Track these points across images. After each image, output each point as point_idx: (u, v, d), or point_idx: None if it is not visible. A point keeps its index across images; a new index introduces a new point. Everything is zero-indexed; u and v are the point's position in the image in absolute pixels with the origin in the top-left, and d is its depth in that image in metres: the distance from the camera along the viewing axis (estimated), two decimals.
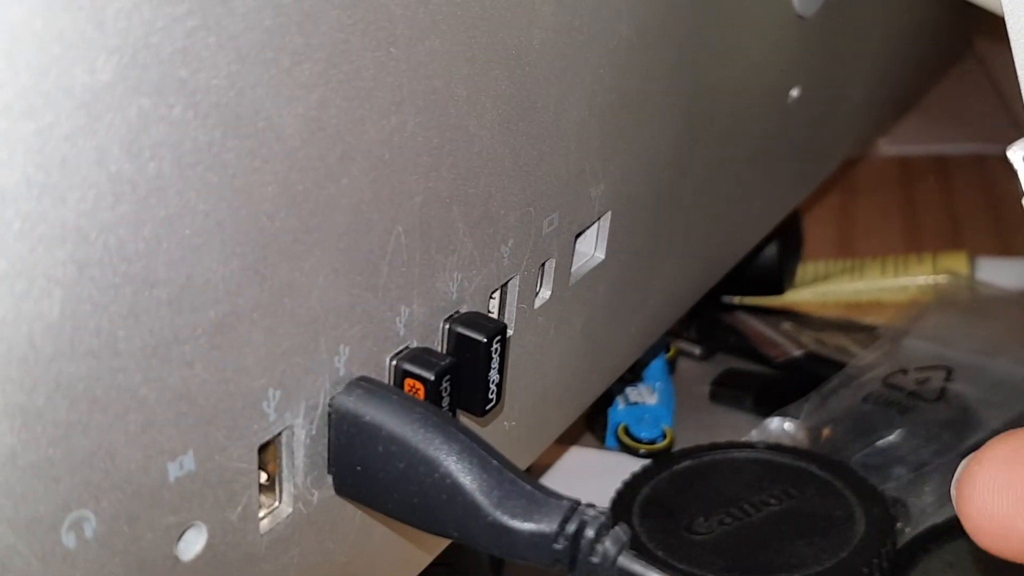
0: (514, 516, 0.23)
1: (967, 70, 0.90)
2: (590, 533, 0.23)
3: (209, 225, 0.19)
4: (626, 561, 0.23)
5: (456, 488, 0.23)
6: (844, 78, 0.54)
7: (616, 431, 0.51)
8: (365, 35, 0.22)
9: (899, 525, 0.45)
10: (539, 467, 0.49)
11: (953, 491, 0.25)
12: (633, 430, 0.51)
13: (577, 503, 0.24)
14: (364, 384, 0.24)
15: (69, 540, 0.19)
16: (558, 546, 0.23)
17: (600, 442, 0.52)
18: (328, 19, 0.21)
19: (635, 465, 0.48)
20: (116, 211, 0.18)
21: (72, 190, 0.17)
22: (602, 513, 0.23)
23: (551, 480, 0.49)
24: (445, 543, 0.31)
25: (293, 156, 0.21)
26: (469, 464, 0.23)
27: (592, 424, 0.53)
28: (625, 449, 0.50)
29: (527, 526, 0.23)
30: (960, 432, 0.49)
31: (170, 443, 0.20)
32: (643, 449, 0.50)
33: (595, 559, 0.23)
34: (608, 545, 0.23)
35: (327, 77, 0.21)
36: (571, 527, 0.23)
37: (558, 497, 0.23)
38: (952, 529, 0.45)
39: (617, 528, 0.23)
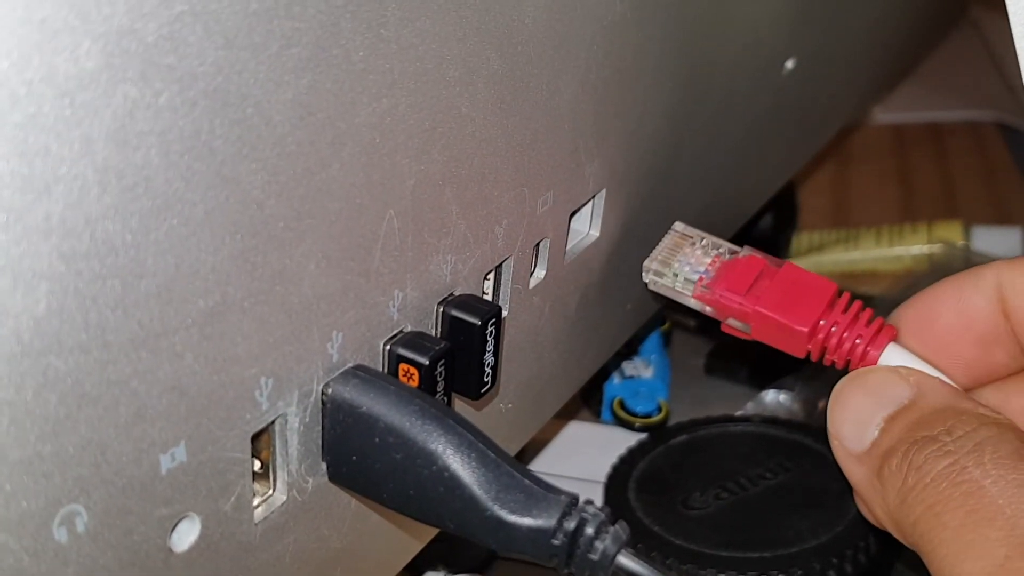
0: (512, 511, 0.23)
1: (962, 37, 0.89)
2: (589, 530, 0.23)
3: (197, 214, 0.19)
4: (625, 559, 0.23)
5: (454, 481, 0.23)
6: (839, 48, 0.53)
7: (612, 405, 0.51)
8: (355, 17, 0.21)
9: None
10: (535, 442, 0.49)
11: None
12: (629, 404, 0.51)
13: (575, 498, 0.23)
14: (360, 373, 0.24)
15: (61, 535, 0.19)
16: (556, 542, 0.23)
17: (596, 416, 0.52)
18: (316, 2, 0.20)
19: (631, 439, 0.48)
20: (102, 202, 0.17)
21: (57, 181, 0.17)
22: (601, 510, 0.23)
23: (547, 455, 0.49)
24: (438, 530, 0.31)
25: (282, 142, 0.21)
26: (467, 457, 0.23)
27: (587, 398, 0.52)
28: (621, 423, 0.50)
29: (525, 521, 0.23)
30: None
31: (161, 435, 0.20)
32: (639, 423, 0.50)
33: (593, 556, 0.23)
34: (608, 543, 0.23)
35: (316, 61, 0.21)
36: (570, 523, 0.23)
37: (556, 492, 0.23)
38: None
39: (617, 526, 0.23)
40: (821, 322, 0.32)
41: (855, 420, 0.29)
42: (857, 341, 0.31)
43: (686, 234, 0.35)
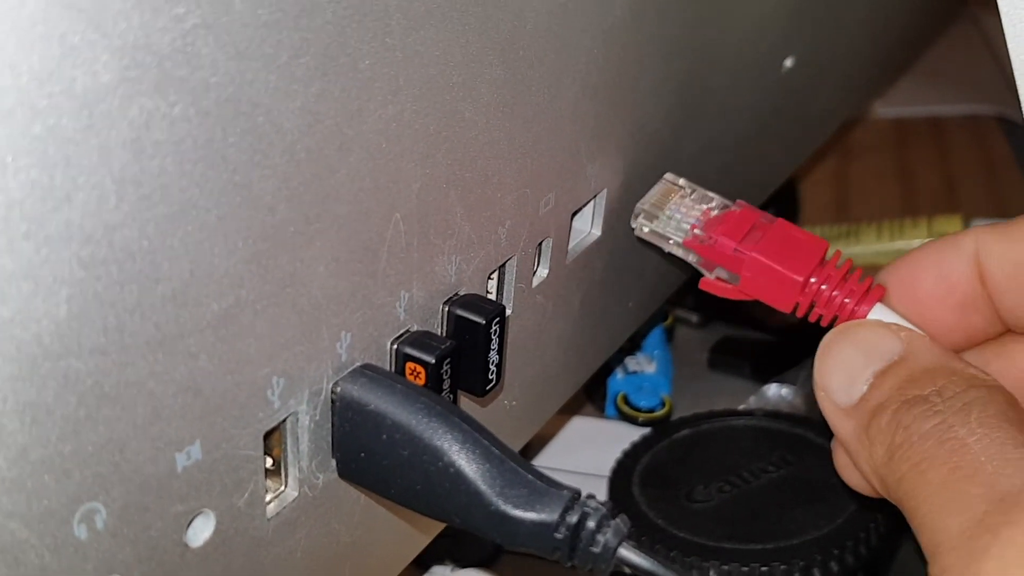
0: (516, 505, 0.23)
1: (961, 31, 0.89)
2: (591, 524, 0.23)
3: (211, 220, 0.20)
4: (626, 552, 0.23)
5: (459, 477, 0.23)
6: (837, 45, 0.53)
7: (615, 400, 0.51)
8: (361, 27, 0.22)
9: None
10: (539, 437, 0.49)
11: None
12: (632, 399, 0.51)
13: (578, 493, 0.24)
14: (368, 372, 0.24)
15: (80, 532, 0.19)
16: (559, 535, 0.23)
17: (599, 411, 0.52)
18: (324, 13, 0.21)
19: (634, 434, 0.48)
20: (120, 210, 0.18)
21: (76, 191, 0.17)
22: (603, 504, 0.24)
23: (551, 450, 0.50)
24: (444, 525, 0.32)
25: (292, 149, 0.21)
26: (472, 453, 0.23)
27: (591, 394, 0.53)
28: (624, 418, 0.51)
29: (529, 515, 0.23)
30: None
31: (177, 434, 0.21)
32: (642, 418, 0.50)
33: (595, 549, 0.23)
34: (609, 536, 0.23)
35: (324, 70, 0.21)
36: (572, 517, 0.23)
37: (559, 487, 0.24)
38: None
39: (618, 520, 0.24)
40: (812, 278, 0.32)
41: (844, 373, 0.29)
42: (847, 299, 0.31)
43: (677, 184, 0.35)
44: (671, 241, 0.34)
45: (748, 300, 0.33)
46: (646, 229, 0.34)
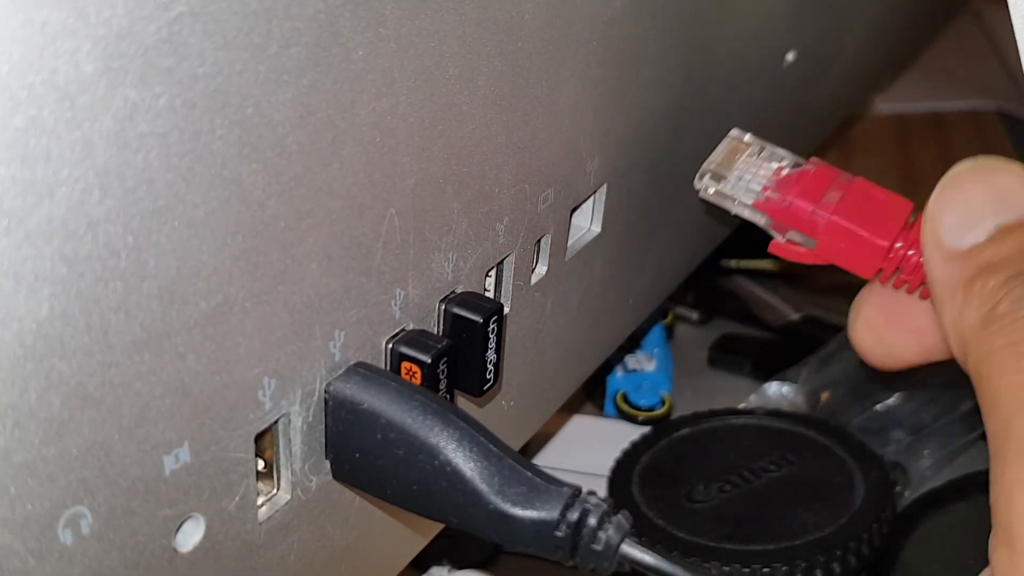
0: (515, 504, 0.23)
1: (963, 26, 0.89)
2: (592, 521, 0.23)
3: (198, 216, 0.19)
4: (629, 548, 0.23)
5: (456, 475, 0.23)
6: (839, 39, 0.53)
7: (615, 399, 0.51)
8: (354, 16, 0.21)
9: (898, 489, 0.45)
10: (538, 436, 0.49)
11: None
12: (632, 397, 0.51)
13: (578, 490, 0.23)
14: (362, 370, 0.24)
15: (66, 537, 0.19)
16: (560, 533, 0.23)
17: (599, 410, 0.52)
18: (315, 1, 0.20)
19: (634, 432, 0.48)
20: (104, 205, 0.17)
21: (58, 185, 0.17)
22: (604, 501, 0.23)
23: (550, 449, 0.49)
24: (442, 525, 0.31)
25: (283, 142, 0.21)
26: (469, 451, 0.23)
27: (591, 392, 0.53)
28: (624, 416, 0.50)
29: (528, 514, 0.23)
30: (959, 394, 0.49)
31: (165, 436, 0.20)
32: (642, 416, 0.50)
33: (597, 547, 0.23)
34: (611, 533, 0.23)
35: (316, 61, 0.21)
36: (573, 515, 0.23)
37: (559, 484, 0.23)
38: (951, 492, 0.45)
39: (620, 516, 0.23)
40: (898, 243, 0.29)
41: (964, 212, 0.26)
42: None
43: (743, 141, 0.33)
44: (738, 202, 0.32)
45: (824, 264, 0.31)
46: (711, 191, 0.32)
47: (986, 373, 0.23)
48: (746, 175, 0.32)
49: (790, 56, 0.46)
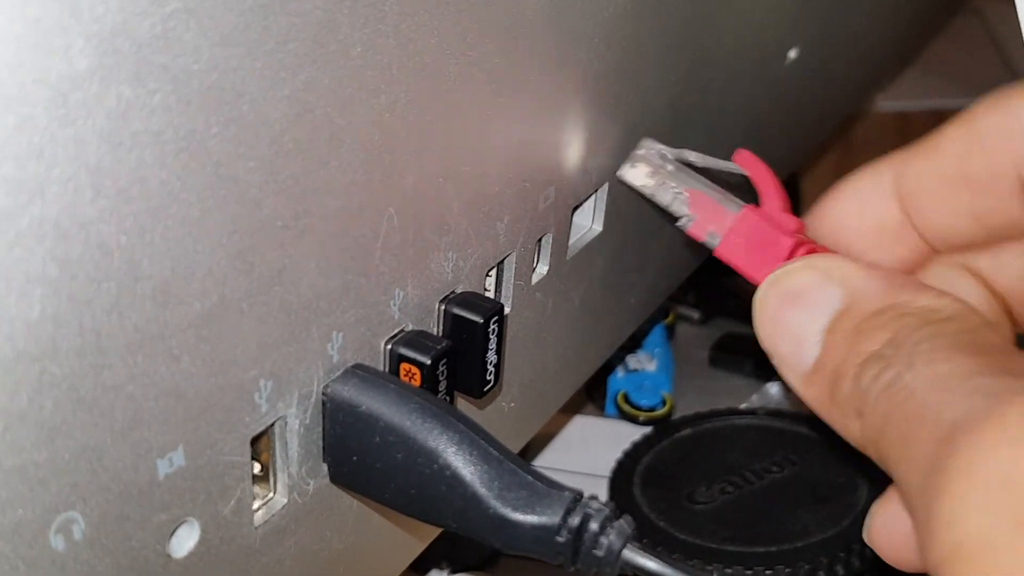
0: (516, 508, 0.23)
1: (965, 23, 0.89)
2: (594, 526, 0.23)
3: (193, 215, 0.19)
4: (631, 554, 0.23)
5: (456, 479, 0.23)
6: (841, 37, 0.53)
7: (616, 399, 0.51)
8: (352, 12, 0.21)
9: None
10: (538, 436, 0.49)
11: None
12: (633, 398, 0.51)
13: (580, 494, 0.23)
14: (360, 372, 0.24)
15: (57, 543, 0.19)
16: (561, 539, 0.23)
17: (600, 410, 0.52)
18: None
19: (635, 433, 0.48)
20: (96, 204, 0.17)
21: (50, 184, 0.16)
22: (606, 505, 0.23)
23: (551, 450, 0.49)
24: (440, 529, 0.31)
25: (280, 140, 0.20)
26: (469, 455, 0.23)
27: (592, 392, 0.52)
28: (625, 417, 0.50)
29: (529, 519, 0.23)
30: None
31: (159, 440, 0.20)
32: (643, 416, 0.50)
33: (599, 552, 0.23)
34: (612, 538, 0.23)
35: (313, 57, 0.20)
36: (574, 520, 0.23)
37: (560, 488, 0.23)
38: None
39: (622, 521, 0.23)
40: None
41: (792, 337, 0.26)
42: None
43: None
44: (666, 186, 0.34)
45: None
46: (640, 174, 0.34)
47: (886, 466, 0.23)
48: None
49: (792, 54, 0.46)
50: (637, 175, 0.34)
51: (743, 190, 0.34)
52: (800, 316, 0.26)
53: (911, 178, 0.30)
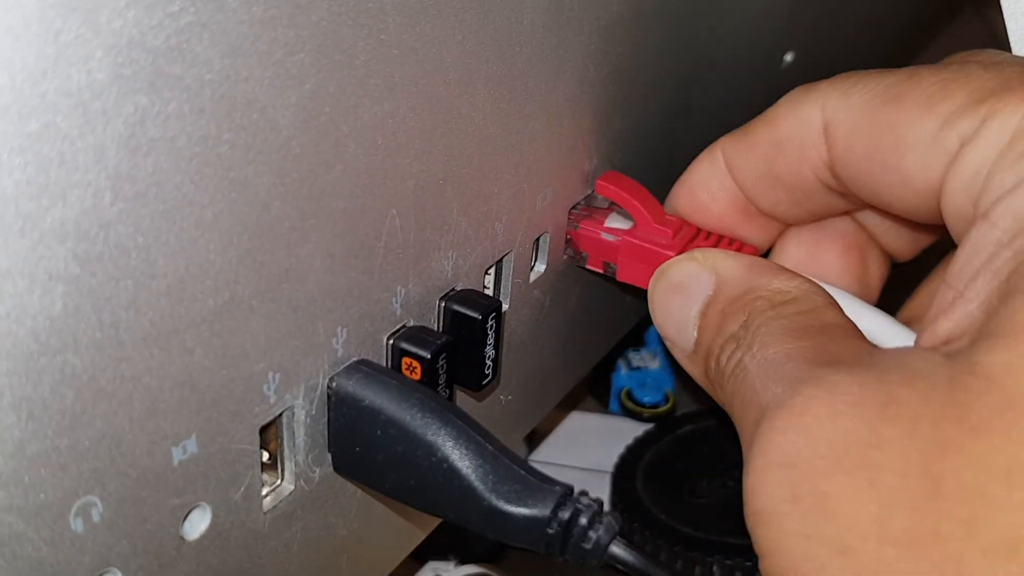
0: (508, 501, 0.24)
1: (964, 25, 0.89)
2: (583, 521, 0.24)
3: (206, 217, 0.20)
4: (617, 549, 0.23)
5: (453, 472, 0.24)
6: (838, 40, 0.53)
7: (619, 396, 0.51)
8: (356, 23, 0.22)
9: None
10: (542, 433, 0.50)
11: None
12: (636, 395, 0.51)
13: (570, 489, 0.24)
14: (364, 368, 0.25)
15: (77, 525, 0.19)
16: (550, 531, 0.24)
17: (603, 407, 0.52)
18: (319, 9, 0.21)
19: (638, 429, 0.48)
20: (115, 207, 0.18)
21: (71, 188, 0.17)
22: (595, 501, 0.24)
23: (555, 445, 0.50)
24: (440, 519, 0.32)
25: (288, 146, 0.21)
26: (466, 449, 0.24)
27: (595, 389, 0.53)
28: (628, 414, 0.51)
29: (521, 511, 0.24)
30: None
31: (173, 428, 0.21)
32: (646, 413, 0.50)
33: (586, 545, 0.24)
34: (601, 533, 0.24)
35: (319, 67, 0.21)
36: (564, 513, 0.24)
37: (552, 483, 0.24)
38: None
39: (609, 517, 0.24)
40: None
41: (675, 322, 0.29)
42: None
43: None
44: None
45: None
46: None
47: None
48: None
49: (789, 57, 0.46)
50: None
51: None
52: (680, 302, 0.29)
53: (736, 170, 0.32)
